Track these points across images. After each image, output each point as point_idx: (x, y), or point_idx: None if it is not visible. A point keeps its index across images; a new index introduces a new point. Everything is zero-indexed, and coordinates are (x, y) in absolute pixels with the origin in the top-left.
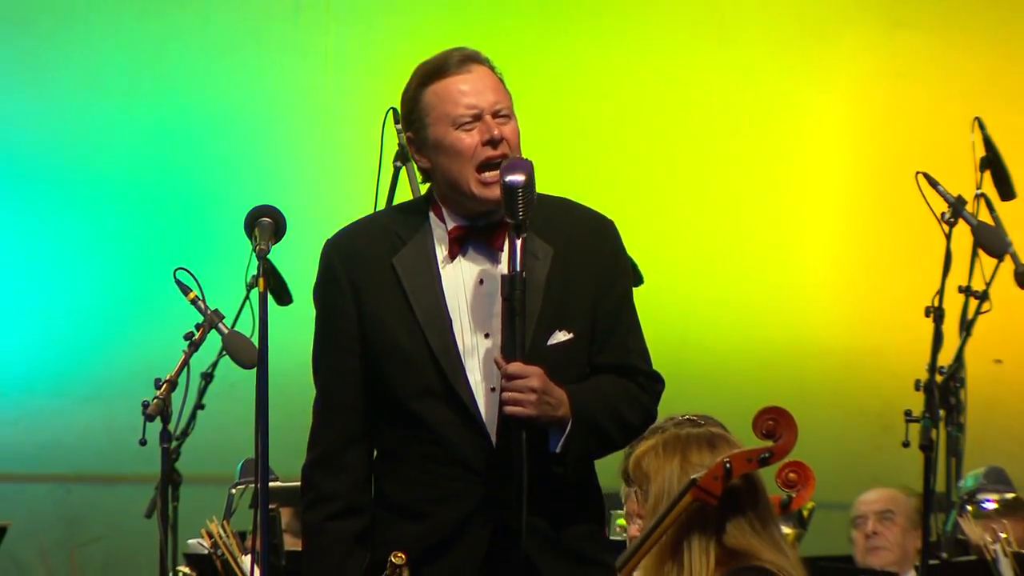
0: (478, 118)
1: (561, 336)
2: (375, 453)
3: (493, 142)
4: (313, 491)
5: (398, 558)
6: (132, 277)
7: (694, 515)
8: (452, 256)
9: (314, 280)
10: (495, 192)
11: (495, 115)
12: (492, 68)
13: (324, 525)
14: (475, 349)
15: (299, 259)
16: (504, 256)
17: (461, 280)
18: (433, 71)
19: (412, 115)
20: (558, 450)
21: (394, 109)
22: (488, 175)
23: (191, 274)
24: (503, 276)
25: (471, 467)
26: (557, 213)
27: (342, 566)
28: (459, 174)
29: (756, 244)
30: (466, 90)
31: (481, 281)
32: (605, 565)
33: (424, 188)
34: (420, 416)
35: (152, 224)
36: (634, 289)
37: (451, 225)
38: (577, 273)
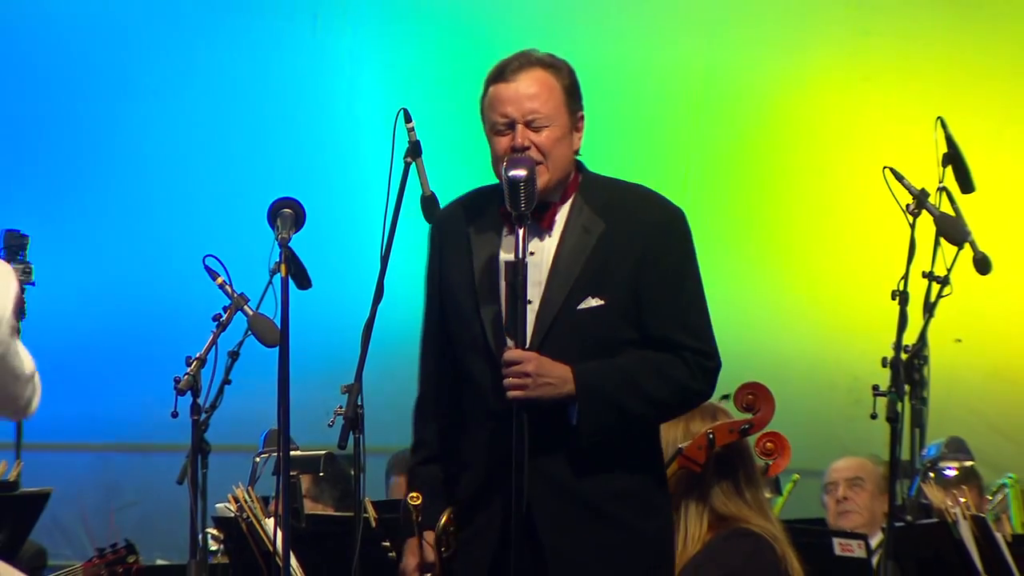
0: (511, 126)
1: (592, 302)
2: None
3: (516, 149)
4: (413, 436)
5: (413, 499)
6: (166, 264)
7: (687, 482)
8: (511, 231)
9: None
10: None
11: (527, 124)
12: (551, 69)
13: (416, 469)
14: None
15: (318, 246)
16: (554, 233)
17: (514, 252)
18: (493, 75)
19: (481, 110)
20: (575, 422)
21: (405, 109)
22: None
23: (219, 260)
24: (506, 263)
25: (501, 421)
26: (623, 195)
27: (426, 509)
28: (495, 169)
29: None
30: (505, 99)
31: (531, 253)
32: (626, 526)
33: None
34: (468, 370)
35: (184, 215)
36: None
37: (531, 208)
38: (622, 248)
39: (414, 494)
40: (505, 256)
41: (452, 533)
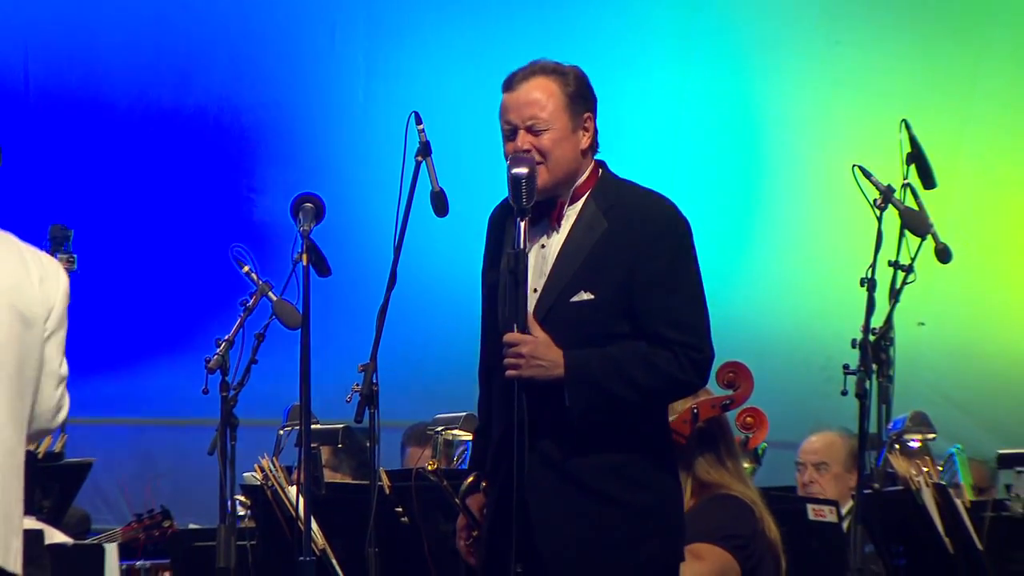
0: (515, 131)
1: (584, 296)
2: None
3: (518, 151)
4: (479, 406)
5: (432, 464)
6: (197, 254)
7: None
8: (532, 225)
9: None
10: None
11: (528, 129)
12: (554, 75)
13: (474, 438)
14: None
15: (336, 237)
16: (562, 228)
17: (530, 247)
18: (504, 85)
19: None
20: (568, 403)
21: (416, 112)
22: None
23: (245, 250)
24: (507, 253)
25: (509, 400)
26: (631, 198)
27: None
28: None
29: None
30: (509, 106)
31: (542, 246)
32: (620, 501)
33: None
34: (496, 347)
35: (213, 209)
36: None
37: (531, 203)
38: (620, 248)
39: (431, 462)
40: (534, 247)
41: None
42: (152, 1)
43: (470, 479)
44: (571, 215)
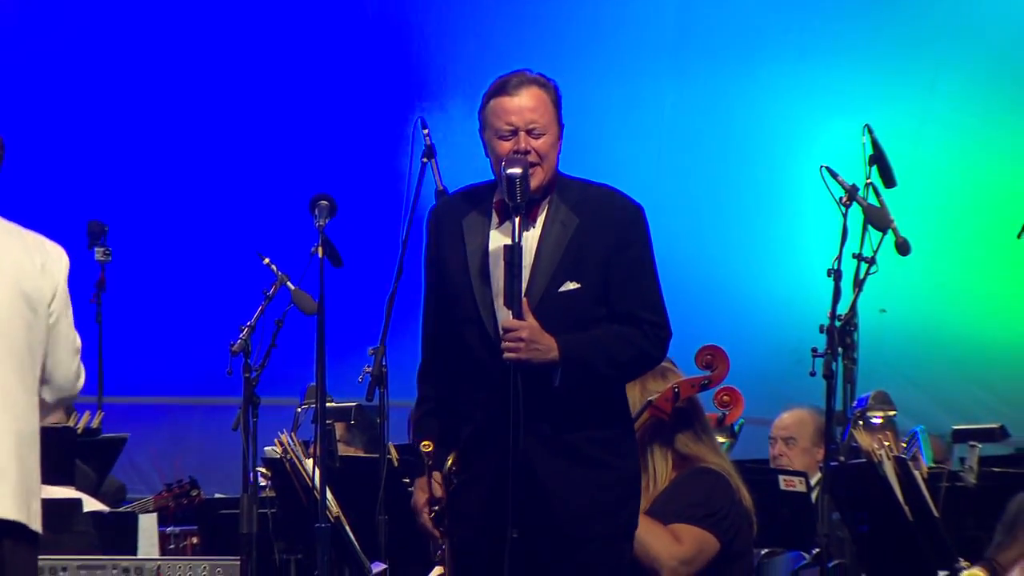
0: (515, 133)
1: (570, 285)
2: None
3: (518, 152)
4: (417, 393)
5: (425, 446)
6: (222, 246)
7: (653, 429)
8: (500, 222)
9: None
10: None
11: (528, 132)
12: (545, 87)
13: (420, 421)
14: (500, 293)
15: (349, 232)
16: (536, 225)
17: (502, 240)
18: (497, 88)
19: (480, 117)
20: (557, 384)
21: (422, 118)
22: None
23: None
24: (505, 246)
25: (494, 383)
26: (595, 195)
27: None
28: (495, 168)
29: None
30: (510, 109)
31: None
32: (605, 465)
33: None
34: (463, 339)
35: (238, 205)
36: None
37: (497, 199)
38: (594, 240)
39: (426, 442)
40: (502, 240)
41: (455, 473)
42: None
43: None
44: (541, 214)
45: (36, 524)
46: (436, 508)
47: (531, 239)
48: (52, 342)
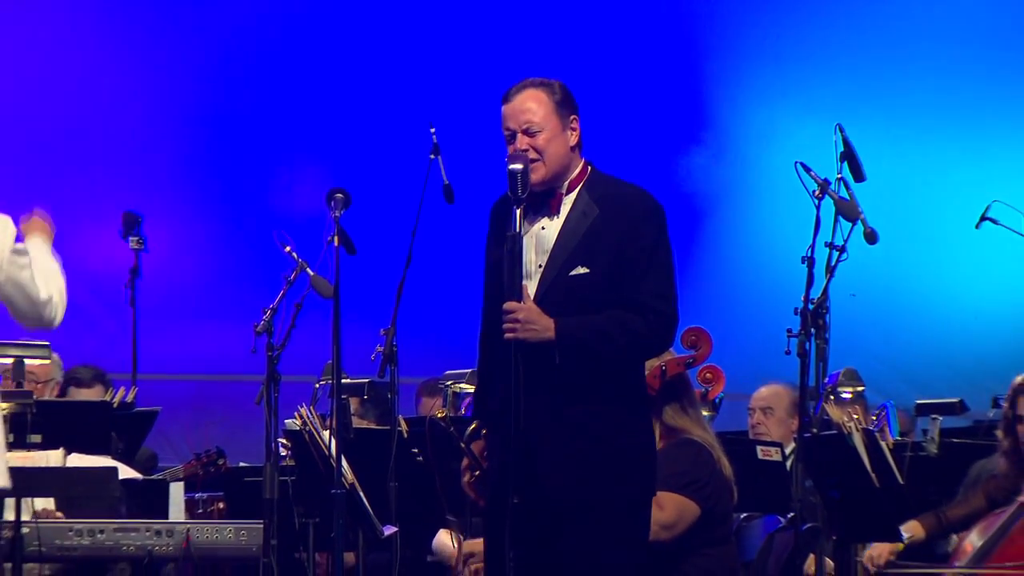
0: (514, 135)
1: (580, 270)
2: None
3: (516, 151)
4: (478, 366)
5: (441, 412)
6: (246, 235)
7: None
8: (534, 212)
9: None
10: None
11: (525, 131)
12: (543, 87)
13: (476, 392)
14: (530, 275)
15: (361, 222)
16: (561, 215)
17: (531, 230)
18: (503, 97)
19: None
20: (558, 362)
21: (430, 120)
22: None
23: (286, 233)
24: (507, 235)
25: (510, 358)
26: (618, 190)
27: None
28: None
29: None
30: (507, 115)
31: (543, 228)
32: (606, 440)
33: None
34: (495, 315)
35: (261, 197)
36: None
37: (525, 194)
38: (609, 230)
39: (439, 410)
40: (530, 230)
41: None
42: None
43: (473, 426)
44: (567, 203)
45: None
46: (476, 473)
47: (554, 228)
48: (12, 305)
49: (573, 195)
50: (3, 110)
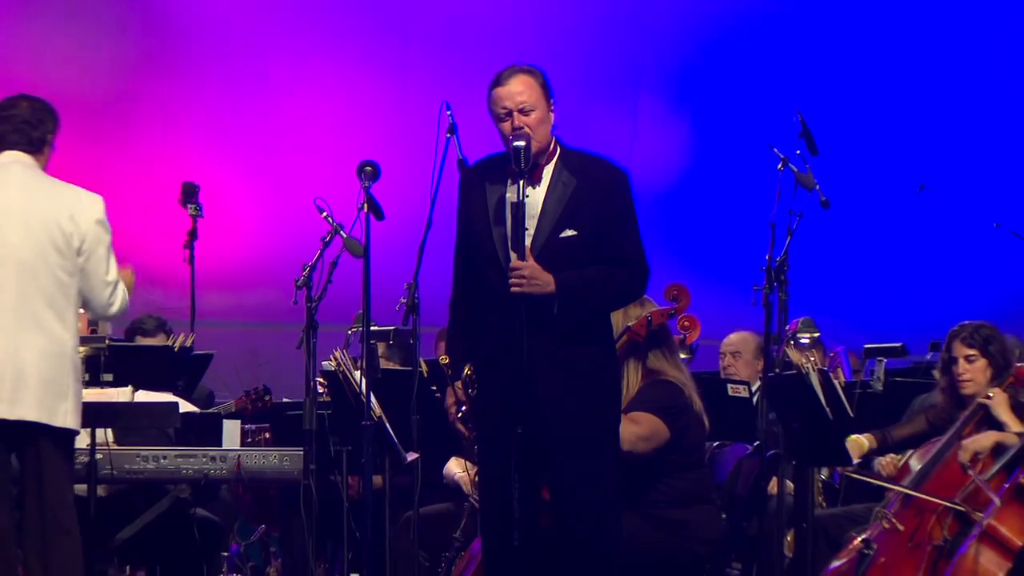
0: (510, 114)
1: (568, 233)
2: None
3: (516, 128)
4: (449, 318)
5: (443, 359)
6: (289, 202)
7: (630, 347)
8: (514, 182)
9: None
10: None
11: (520, 111)
12: (530, 73)
13: (449, 342)
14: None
15: (388, 191)
16: (542, 184)
17: (516, 196)
18: (493, 81)
19: (487, 105)
20: (556, 311)
21: (446, 101)
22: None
23: (324, 200)
24: (512, 203)
25: (507, 309)
26: (590, 162)
27: (455, 367)
28: (504, 142)
29: (679, 189)
30: (502, 96)
31: (527, 196)
32: (592, 375)
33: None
34: (484, 274)
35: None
36: None
37: (528, 166)
38: (587, 197)
39: (443, 356)
40: (510, 197)
41: (472, 380)
42: None
43: (468, 371)
44: (546, 175)
45: (61, 422)
46: (463, 409)
47: (537, 195)
48: (84, 277)
49: (550, 167)
50: (88, 97)
